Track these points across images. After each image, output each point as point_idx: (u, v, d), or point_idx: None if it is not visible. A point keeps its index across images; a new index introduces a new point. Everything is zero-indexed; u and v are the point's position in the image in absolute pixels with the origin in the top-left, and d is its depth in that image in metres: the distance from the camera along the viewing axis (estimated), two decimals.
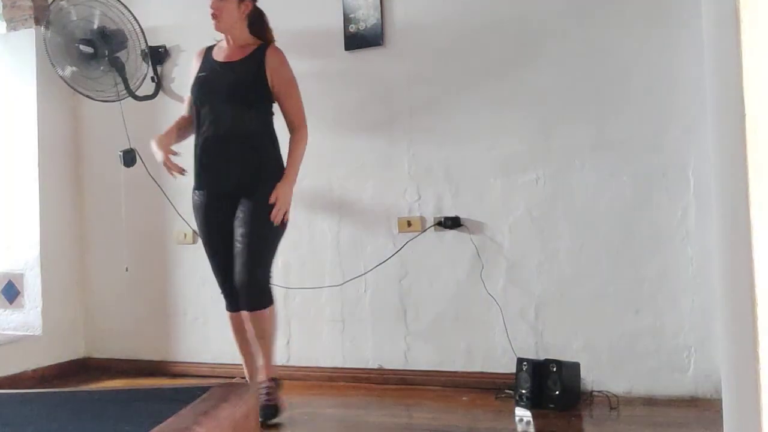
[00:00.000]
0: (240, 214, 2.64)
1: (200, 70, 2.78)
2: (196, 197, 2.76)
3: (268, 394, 2.62)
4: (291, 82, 2.75)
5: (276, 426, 2.59)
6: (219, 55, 2.78)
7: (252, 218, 2.62)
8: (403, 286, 3.14)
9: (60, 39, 3.34)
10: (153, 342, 3.62)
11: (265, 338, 2.67)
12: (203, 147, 2.70)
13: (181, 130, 2.81)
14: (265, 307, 2.65)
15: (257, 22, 2.80)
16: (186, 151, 2.77)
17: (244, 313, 2.65)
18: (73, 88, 3.46)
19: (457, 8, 3.08)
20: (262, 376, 2.71)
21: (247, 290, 2.62)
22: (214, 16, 2.70)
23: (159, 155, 2.67)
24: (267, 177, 2.67)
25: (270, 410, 2.59)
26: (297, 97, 2.76)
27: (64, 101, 3.79)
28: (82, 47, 3.35)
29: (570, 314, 2.87)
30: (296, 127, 2.74)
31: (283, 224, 2.68)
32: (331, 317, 3.22)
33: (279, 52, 2.74)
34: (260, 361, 2.72)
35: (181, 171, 2.66)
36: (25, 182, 3.63)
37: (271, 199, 2.61)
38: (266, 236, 2.65)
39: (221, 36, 2.80)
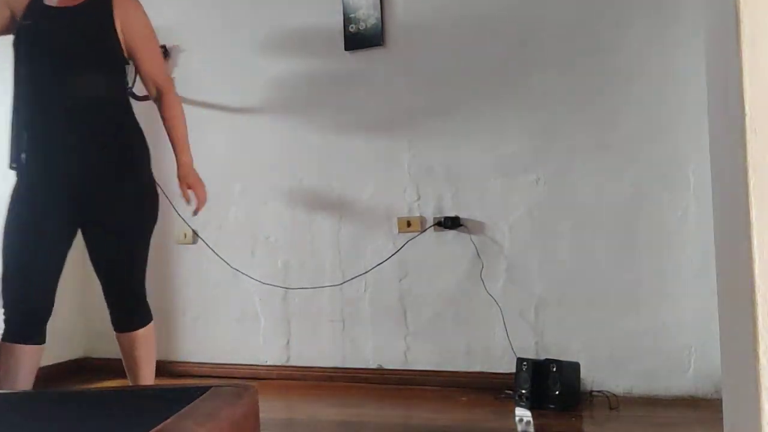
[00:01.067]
0: (93, 218, 2.13)
1: (26, 16, 2.05)
2: (15, 188, 2.13)
3: None
4: (149, 34, 2.18)
5: (278, 425, 2.60)
6: None
7: (113, 224, 2.15)
8: (403, 286, 3.14)
9: None
10: None
11: (151, 360, 2.31)
12: (34, 124, 2.06)
13: None
14: (150, 320, 2.28)
15: None
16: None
17: (129, 336, 2.27)
18: None
19: (458, 8, 3.08)
20: None
21: (133, 302, 2.26)
22: None
23: None
24: (122, 159, 2.14)
25: None
26: (157, 52, 2.26)
27: None
28: None
29: (570, 314, 2.87)
30: (166, 90, 2.22)
31: (156, 209, 2.26)
32: (331, 317, 3.22)
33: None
34: None
35: None
36: None
37: (186, 196, 2.23)
38: (140, 233, 2.22)
39: None
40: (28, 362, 2.13)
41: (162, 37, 3.62)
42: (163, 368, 3.56)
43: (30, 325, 2.19)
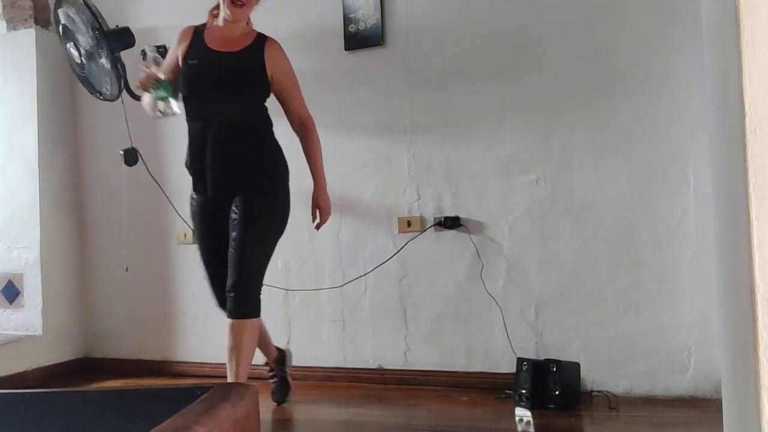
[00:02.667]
0: (234, 216, 2.44)
1: (190, 56, 2.50)
2: (193, 202, 2.59)
3: None
4: (293, 77, 2.58)
5: (278, 425, 2.60)
6: (213, 43, 2.52)
7: (246, 220, 2.42)
8: (403, 286, 3.14)
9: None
10: (153, 342, 3.63)
11: (240, 351, 2.37)
12: (196, 147, 2.49)
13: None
14: (247, 317, 2.40)
15: None
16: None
17: (227, 322, 2.41)
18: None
19: (458, 8, 3.08)
20: None
21: (233, 296, 2.39)
22: (241, 3, 2.44)
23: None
24: (264, 175, 2.51)
25: None
26: (300, 94, 2.61)
27: (64, 101, 3.79)
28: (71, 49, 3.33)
29: (570, 314, 2.87)
30: (308, 127, 2.61)
31: (282, 227, 2.55)
32: (331, 317, 3.22)
33: (279, 44, 2.56)
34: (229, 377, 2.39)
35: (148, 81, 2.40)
36: (26, 182, 3.63)
37: (314, 215, 2.59)
38: (260, 239, 2.46)
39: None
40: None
41: (162, 37, 3.64)
42: (163, 368, 3.57)
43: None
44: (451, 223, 3.06)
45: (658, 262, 2.76)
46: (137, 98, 3.55)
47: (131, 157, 3.45)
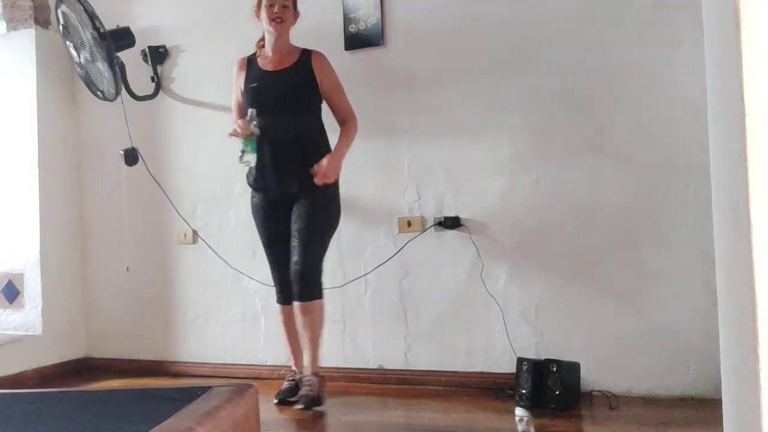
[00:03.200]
0: (296, 211, 2.79)
1: (250, 81, 2.88)
2: (255, 199, 2.92)
3: (309, 385, 2.77)
4: (338, 82, 2.90)
5: (278, 425, 2.60)
6: (266, 65, 2.89)
7: (308, 215, 2.77)
8: (403, 286, 3.14)
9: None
10: (153, 342, 3.63)
11: (313, 330, 2.79)
12: (262, 153, 2.79)
13: None
14: (314, 299, 2.78)
15: None
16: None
17: (295, 304, 2.80)
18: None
19: (457, 8, 3.08)
20: (307, 372, 2.81)
21: (300, 281, 2.75)
22: (280, 19, 2.81)
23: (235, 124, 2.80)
24: None
25: (309, 399, 2.73)
26: (345, 95, 2.91)
27: (64, 101, 3.79)
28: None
29: (570, 314, 2.87)
30: (350, 119, 2.90)
31: (336, 220, 2.88)
32: (331, 317, 3.21)
33: (323, 55, 2.89)
34: (306, 357, 2.82)
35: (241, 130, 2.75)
36: (26, 182, 3.63)
37: (315, 167, 2.73)
38: (320, 232, 2.82)
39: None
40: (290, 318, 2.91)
41: (162, 37, 3.64)
42: (163, 368, 3.57)
43: (284, 291, 2.92)
44: (451, 223, 3.06)
45: (658, 262, 2.76)
46: (137, 98, 3.56)
47: (131, 156, 3.46)
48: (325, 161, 2.75)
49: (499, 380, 2.89)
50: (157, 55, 3.62)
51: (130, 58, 3.46)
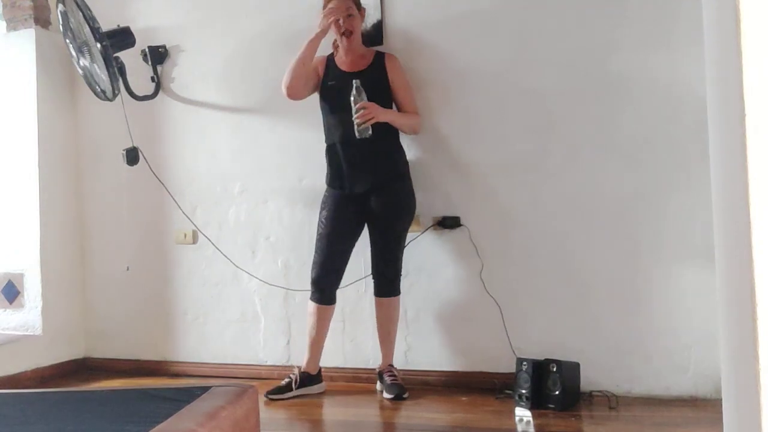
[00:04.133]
0: (374, 212, 2.92)
1: (329, 78, 2.99)
2: (327, 193, 3.01)
3: (392, 376, 2.95)
4: (409, 84, 3.03)
5: (278, 425, 2.60)
6: (343, 65, 3.00)
7: (387, 218, 2.93)
8: (403, 286, 3.14)
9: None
10: (153, 342, 3.62)
11: (394, 323, 2.99)
12: (335, 151, 2.94)
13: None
14: (397, 295, 2.99)
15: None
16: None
17: (378, 300, 2.99)
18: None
19: (457, 8, 3.08)
20: (382, 367, 3.01)
21: (385, 278, 2.96)
22: (349, 33, 2.93)
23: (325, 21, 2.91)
24: (396, 174, 2.95)
25: (399, 388, 2.89)
26: (413, 94, 3.03)
27: (64, 101, 3.79)
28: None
29: (570, 314, 2.87)
30: (414, 114, 3.03)
31: (412, 214, 2.98)
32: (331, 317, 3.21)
33: (395, 57, 3.01)
34: (384, 349, 3.02)
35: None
36: (26, 182, 3.63)
37: (363, 104, 2.80)
38: (399, 233, 2.97)
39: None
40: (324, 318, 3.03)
41: (162, 37, 3.64)
42: (163, 368, 3.57)
43: (325, 291, 3.00)
44: (451, 223, 3.06)
45: (658, 262, 2.76)
46: (137, 98, 3.56)
47: (133, 156, 3.45)
48: (372, 104, 2.82)
49: (498, 380, 2.89)
50: (157, 55, 3.61)
51: (130, 58, 3.46)
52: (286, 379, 2.97)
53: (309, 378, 2.99)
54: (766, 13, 1.02)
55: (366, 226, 3.00)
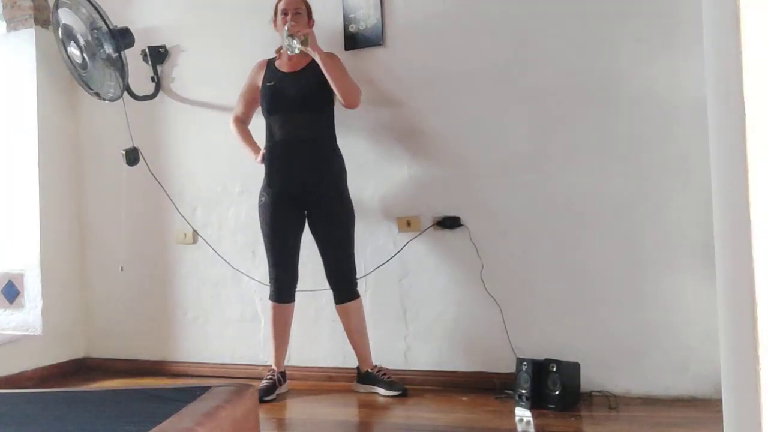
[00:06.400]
0: (317, 215, 2.96)
1: (267, 80, 3.04)
2: (263, 198, 3.00)
3: (386, 373, 2.99)
4: (343, 67, 3.01)
5: (278, 425, 2.60)
6: (283, 66, 3.05)
7: (329, 219, 2.96)
8: (403, 286, 3.14)
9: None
10: (153, 342, 3.62)
11: (362, 326, 3.01)
12: (275, 151, 2.98)
13: (247, 133, 3.18)
14: (356, 298, 2.99)
15: None
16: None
17: (338, 308, 2.99)
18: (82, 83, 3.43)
19: (457, 8, 3.08)
20: (367, 368, 3.02)
21: (340, 285, 2.97)
22: (294, 27, 2.91)
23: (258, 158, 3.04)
24: (333, 176, 2.97)
25: (399, 384, 2.94)
26: (352, 79, 3.02)
27: (64, 101, 3.79)
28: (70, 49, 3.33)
29: (570, 314, 2.87)
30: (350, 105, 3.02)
31: (353, 213, 3.00)
32: (331, 317, 3.21)
33: (333, 54, 3.02)
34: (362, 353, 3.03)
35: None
36: (26, 182, 3.63)
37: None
38: (345, 233, 2.98)
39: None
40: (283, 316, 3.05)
41: (162, 37, 3.64)
42: (163, 368, 3.57)
43: (282, 290, 3.02)
44: (451, 223, 3.06)
45: (658, 262, 2.76)
46: (137, 98, 3.56)
47: (133, 156, 3.45)
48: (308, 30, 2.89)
49: (498, 380, 2.88)
50: (157, 55, 3.61)
51: (130, 58, 3.46)
52: (268, 380, 3.00)
53: (283, 376, 3.06)
54: (766, 13, 1.02)
55: (308, 225, 3.03)
